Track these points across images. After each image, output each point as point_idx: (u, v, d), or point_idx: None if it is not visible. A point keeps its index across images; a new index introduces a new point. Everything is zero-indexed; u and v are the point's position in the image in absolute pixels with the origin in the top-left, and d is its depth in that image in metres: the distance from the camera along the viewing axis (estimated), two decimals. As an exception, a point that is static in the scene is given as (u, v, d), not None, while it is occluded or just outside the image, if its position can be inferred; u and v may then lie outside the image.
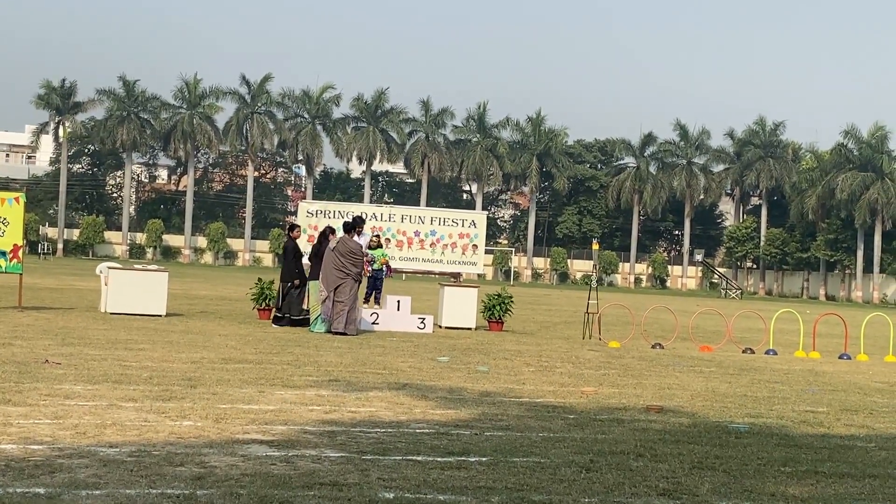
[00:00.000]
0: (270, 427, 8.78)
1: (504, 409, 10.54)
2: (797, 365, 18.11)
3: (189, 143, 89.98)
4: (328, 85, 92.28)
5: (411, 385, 12.07)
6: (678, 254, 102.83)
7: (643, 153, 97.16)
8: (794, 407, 12.09)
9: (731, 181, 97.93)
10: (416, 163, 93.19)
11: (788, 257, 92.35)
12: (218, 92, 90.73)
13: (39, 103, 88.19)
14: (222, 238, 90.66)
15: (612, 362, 16.56)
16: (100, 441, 7.77)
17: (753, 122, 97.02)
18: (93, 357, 13.05)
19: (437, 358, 15.46)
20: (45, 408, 9.10)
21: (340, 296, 18.89)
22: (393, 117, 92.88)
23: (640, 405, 11.42)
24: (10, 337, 15.05)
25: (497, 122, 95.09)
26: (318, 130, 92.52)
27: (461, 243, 24.20)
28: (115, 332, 16.76)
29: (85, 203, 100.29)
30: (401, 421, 9.47)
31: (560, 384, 13.12)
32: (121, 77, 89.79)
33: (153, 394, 10.21)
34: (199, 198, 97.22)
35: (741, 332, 26.65)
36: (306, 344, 16.60)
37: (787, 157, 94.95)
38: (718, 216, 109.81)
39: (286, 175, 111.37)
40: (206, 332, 17.69)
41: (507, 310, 22.59)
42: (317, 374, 12.63)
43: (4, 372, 11.19)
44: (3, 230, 20.41)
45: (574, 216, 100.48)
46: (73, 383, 10.67)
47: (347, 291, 18.93)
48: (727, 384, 14.21)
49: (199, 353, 14.23)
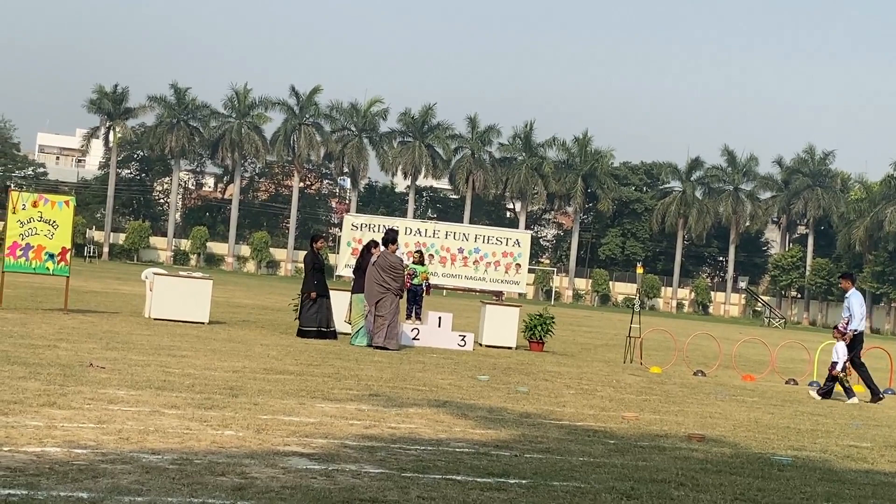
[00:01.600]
0: (311, 440, 8.79)
1: (544, 432, 10.48)
2: (841, 398, 17.87)
3: (237, 151, 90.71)
4: (376, 99, 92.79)
5: (451, 403, 12.04)
6: (722, 280, 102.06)
7: (689, 177, 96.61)
8: (838, 441, 11.92)
9: (777, 209, 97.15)
10: (461, 179, 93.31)
11: (834, 288, 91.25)
12: (267, 102, 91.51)
13: (91, 108, 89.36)
14: (265, 247, 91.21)
15: (654, 388, 16.44)
16: (142, 447, 7.81)
17: (802, 151, 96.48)
18: (136, 362, 13.16)
19: (477, 376, 15.42)
20: (89, 412, 9.17)
21: (381, 310, 18.91)
22: (439, 133, 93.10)
23: (682, 433, 11.31)
24: (56, 339, 15.20)
25: (543, 141, 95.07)
26: (365, 143, 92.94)
27: (504, 262, 24.14)
28: (159, 337, 16.89)
29: (132, 208, 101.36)
30: (440, 439, 9.45)
31: (601, 408, 13.03)
32: (172, 84, 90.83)
33: (195, 401, 10.26)
34: (244, 206, 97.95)
35: (784, 362, 26.36)
36: (347, 357, 16.63)
37: (836, 186, 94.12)
38: (764, 244, 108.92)
39: (331, 187, 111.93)
40: (247, 342, 17.78)
41: (549, 330, 22.52)
42: (357, 388, 12.64)
43: (50, 374, 11.30)
44: (53, 233, 20.64)
45: (617, 238, 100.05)
46: (116, 388, 10.75)
47: (388, 306, 18.94)
48: (770, 415, 14.06)
49: (241, 362, 14.30)
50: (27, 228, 20.45)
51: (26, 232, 20.45)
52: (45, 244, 20.61)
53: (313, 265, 20.18)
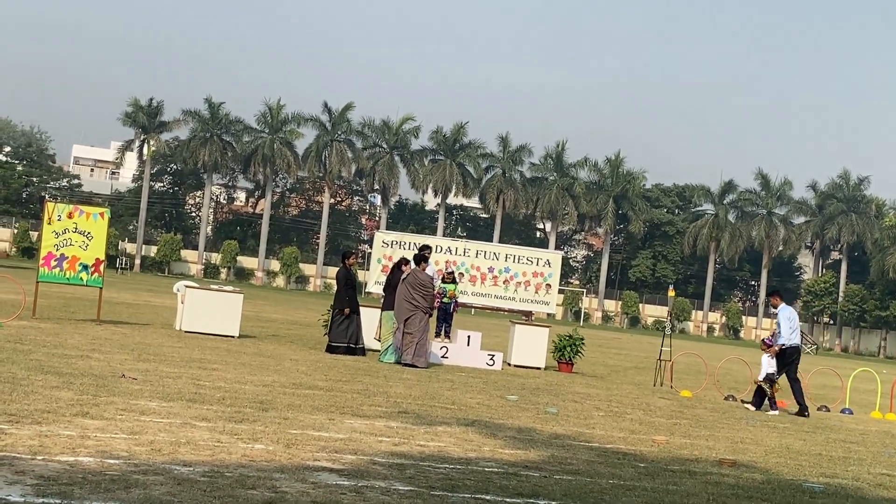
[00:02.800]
0: (340, 455, 8.79)
1: (573, 453, 10.44)
2: (873, 426, 17.70)
3: (268, 166, 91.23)
4: (408, 116, 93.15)
5: (480, 422, 12.02)
6: (753, 304, 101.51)
7: (722, 201, 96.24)
8: (870, 469, 11.80)
9: (811, 234, 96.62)
10: (492, 198, 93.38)
11: (867, 314, 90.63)
12: (300, 118, 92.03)
13: (126, 120, 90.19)
14: (295, 262, 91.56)
15: (684, 412, 16.33)
16: (174, 459, 7.85)
17: (837, 176, 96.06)
18: (168, 374, 13.22)
19: (507, 396, 15.38)
20: (122, 422, 9.22)
21: (410, 327, 18.93)
22: (470, 151, 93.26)
23: (713, 458, 11.23)
24: (89, 349, 15.30)
25: (575, 162, 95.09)
26: (396, 161, 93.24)
27: (535, 282, 24.10)
28: (190, 350, 16.97)
29: (164, 221, 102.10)
30: (469, 458, 9.42)
31: (630, 431, 12.96)
32: (206, 99, 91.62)
33: (226, 415, 10.30)
34: (274, 221, 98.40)
35: (816, 388, 26.13)
36: (376, 374, 16.64)
37: (871, 212, 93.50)
38: (797, 269, 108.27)
39: (361, 203, 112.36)
40: (277, 356, 17.83)
41: (578, 351, 22.45)
42: (386, 405, 12.64)
43: (83, 384, 11.38)
44: (87, 244, 20.80)
45: (648, 260, 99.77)
46: (148, 399, 10.81)
47: (417, 323, 18.96)
48: (801, 441, 13.94)
49: (271, 377, 14.34)
50: (62, 239, 20.62)
51: (61, 243, 20.62)
52: (79, 255, 20.77)
53: (346, 281, 20.21)
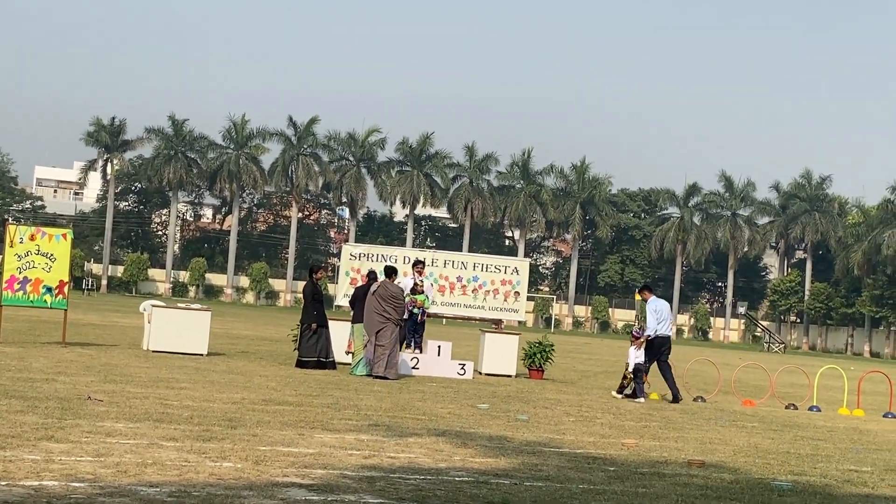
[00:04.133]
0: (310, 471, 8.76)
1: (544, 459, 10.46)
2: (841, 423, 17.85)
3: (235, 182, 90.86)
4: (374, 128, 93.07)
5: (451, 432, 12.02)
6: (721, 306, 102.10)
7: (687, 203, 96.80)
8: (838, 466, 11.90)
9: (775, 234, 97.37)
10: (460, 208, 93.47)
11: (833, 312, 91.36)
12: (265, 133, 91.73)
13: (89, 140, 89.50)
14: (265, 278, 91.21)
15: (653, 414, 16.41)
16: (140, 480, 7.79)
17: (799, 176, 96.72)
18: (134, 395, 13.13)
19: (477, 405, 15.39)
20: (87, 445, 9.15)
21: (381, 339, 18.91)
22: (437, 162, 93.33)
23: (682, 459, 11.29)
24: (54, 373, 15.18)
25: (541, 169, 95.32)
26: (363, 173, 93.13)
27: (503, 290, 24.16)
28: (157, 370, 16.87)
29: (130, 240, 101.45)
30: (440, 468, 9.42)
31: (601, 435, 13.01)
32: (170, 116, 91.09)
33: (194, 434, 10.24)
34: (242, 237, 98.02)
35: (784, 387, 26.32)
36: (346, 387, 16.61)
37: (833, 211, 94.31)
38: (762, 269, 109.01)
39: (329, 217, 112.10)
40: (246, 373, 17.75)
41: (548, 358, 22.49)
42: (356, 418, 12.61)
43: (48, 408, 11.29)
44: (50, 266, 20.64)
45: (616, 265, 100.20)
46: (114, 421, 10.73)
47: (388, 335, 18.94)
48: (770, 440, 14.03)
49: (240, 394, 14.28)
50: (25, 262, 20.45)
51: (24, 265, 20.45)
52: (42, 277, 20.61)
53: (313, 296, 20.17)
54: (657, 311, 19.54)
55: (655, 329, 19.43)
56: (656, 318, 19.46)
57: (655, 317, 19.45)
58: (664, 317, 19.69)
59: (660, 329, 19.50)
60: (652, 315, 19.44)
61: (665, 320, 19.69)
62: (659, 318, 19.51)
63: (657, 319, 19.46)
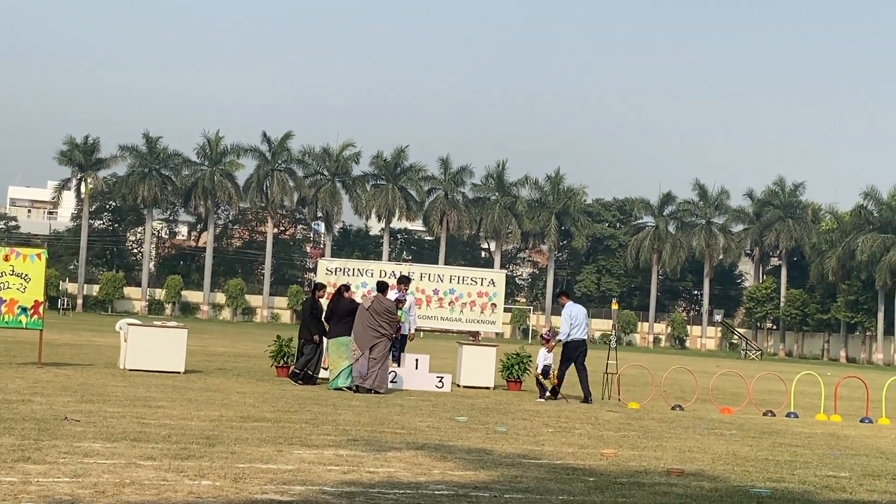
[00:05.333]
0: (289, 487, 8.74)
1: (523, 471, 10.47)
2: (819, 428, 17.95)
3: (209, 199, 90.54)
4: (348, 143, 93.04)
5: (430, 445, 12.01)
6: (697, 314, 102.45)
7: (662, 212, 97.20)
8: (817, 471, 11.96)
9: (750, 241, 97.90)
10: (435, 220, 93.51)
11: (809, 318, 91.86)
12: (239, 149, 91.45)
13: (62, 159, 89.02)
14: (241, 294, 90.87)
15: (632, 424, 16.45)
16: (118, 500, 7.75)
17: (773, 183, 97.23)
18: (112, 414, 13.06)
19: (456, 417, 15.39)
20: (65, 466, 9.10)
21: (375, 354, 18.99)
22: (412, 175, 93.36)
23: (661, 468, 11.33)
24: (30, 393, 15.08)
25: (516, 181, 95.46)
26: (338, 188, 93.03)
27: (480, 302, 24.17)
28: (134, 388, 16.78)
29: (105, 259, 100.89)
30: (419, 482, 9.42)
31: (579, 446, 13.03)
32: (144, 134, 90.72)
33: (172, 452, 10.20)
34: (218, 254, 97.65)
35: (761, 393, 26.43)
36: (324, 402, 16.57)
37: (807, 217, 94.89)
38: (738, 276, 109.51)
39: (305, 232, 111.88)
40: (224, 390, 17.68)
41: (526, 369, 22.51)
42: (335, 434, 12.59)
43: (24, 429, 11.21)
44: (25, 286, 20.52)
45: (592, 275, 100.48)
46: (92, 441, 10.67)
47: (382, 349, 19.07)
48: (748, 447, 14.09)
49: (218, 411, 14.22)
50: (-1, 283, 20.31)
51: (-2, 286, 20.31)
52: (17, 298, 20.49)
53: (311, 311, 20.44)
54: (572, 317, 20.47)
55: (569, 333, 20.38)
56: (571, 322, 20.40)
57: (570, 321, 20.40)
58: (579, 321, 20.54)
59: (574, 333, 20.42)
60: (566, 320, 20.42)
61: (580, 325, 20.53)
62: (574, 323, 20.42)
63: (571, 324, 20.38)
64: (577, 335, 20.48)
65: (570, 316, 20.46)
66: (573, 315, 20.50)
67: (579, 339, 20.50)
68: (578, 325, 20.49)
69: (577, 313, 20.62)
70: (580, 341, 20.52)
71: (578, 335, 20.49)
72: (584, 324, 20.66)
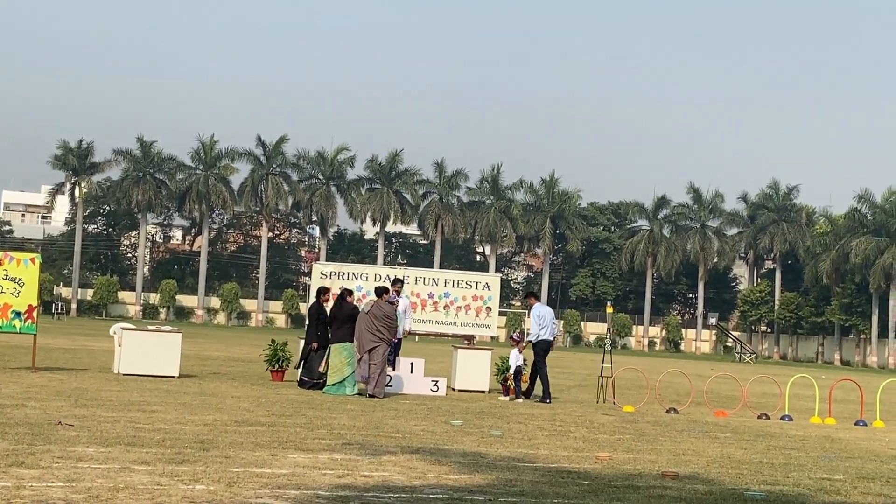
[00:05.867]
0: (283, 491, 8.73)
1: (518, 475, 10.47)
2: (813, 431, 17.97)
3: (204, 203, 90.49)
4: (343, 146, 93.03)
5: (425, 449, 12.01)
6: (692, 317, 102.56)
7: (656, 216, 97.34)
8: (811, 474, 11.97)
9: (744, 245, 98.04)
10: (430, 224, 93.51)
11: (803, 321, 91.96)
12: (233, 153, 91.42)
13: (56, 164, 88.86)
14: (235, 298, 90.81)
15: (627, 427, 16.45)
16: (112, 505, 7.73)
17: (767, 186, 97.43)
18: (106, 419, 13.04)
19: (451, 421, 15.39)
20: (58, 470, 9.08)
21: (374, 358, 19.00)
22: (407, 179, 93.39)
23: (656, 471, 11.33)
24: (24, 398, 15.05)
25: (511, 184, 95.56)
26: (333, 191, 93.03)
27: (475, 306, 24.18)
28: (129, 393, 16.76)
29: (99, 263, 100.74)
30: (414, 486, 9.41)
31: (574, 449, 13.03)
32: (138, 138, 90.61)
33: (166, 457, 10.18)
34: (212, 258, 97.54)
35: (756, 396, 26.46)
36: (319, 406, 16.55)
37: (801, 221, 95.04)
38: (732, 279, 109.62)
39: (300, 236, 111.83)
40: (218, 394, 17.66)
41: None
42: (330, 438, 12.58)
43: (18, 434, 11.19)
44: (19, 291, 20.49)
45: (587, 278, 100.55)
46: (86, 445, 10.65)
47: (381, 354, 19.09)
48: (743, 450, 14.10)
49: (212, 416, 14.20)
50: (-7, 287, 20.28)
51: (-8, 291, 20.27)
52: (11, 302, 20.47)
53: (318, 317, 20.37)
54: (540, 318, 21.00)
55: (538, 334, 20.89)
56: (539, 323, 20.90)
57: (539, 322, 20.92)
58: (546, 322, 21.03)
59: (542, 334, 20.91)
60: (535, 321, 20.98)
61: (547, 326, 21.00)
62: (542, 324, 20.94)
63: (539, 325, 20.89)
64: (545, 335, 20.97)
65: (539, 317, 21.00)
66: (541, 315, 21.04)
67: (547, 340, 21.03)
68: (546, 325, 21.00)
69: (544, 314, 21.18)
70: (548, 342, 21.05)
71: (546, 335, 20.98)
72: (551, 324, 21.16)
